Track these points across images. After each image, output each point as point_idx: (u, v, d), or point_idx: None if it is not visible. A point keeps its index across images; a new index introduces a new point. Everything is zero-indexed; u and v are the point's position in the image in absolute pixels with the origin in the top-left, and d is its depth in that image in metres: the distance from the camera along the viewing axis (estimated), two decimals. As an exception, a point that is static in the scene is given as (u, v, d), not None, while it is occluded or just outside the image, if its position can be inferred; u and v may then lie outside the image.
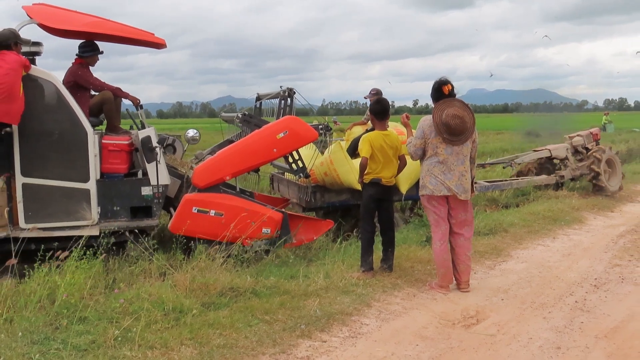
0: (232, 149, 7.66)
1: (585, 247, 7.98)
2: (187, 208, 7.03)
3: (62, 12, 7.09)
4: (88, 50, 7.45)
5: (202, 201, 7.06)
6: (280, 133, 7.35)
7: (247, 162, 7.41)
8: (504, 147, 24.98)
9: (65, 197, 6.78)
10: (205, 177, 7.25)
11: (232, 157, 7.42)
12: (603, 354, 4.49)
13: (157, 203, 7.16)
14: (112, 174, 7.08)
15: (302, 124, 7.65)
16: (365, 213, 6.57)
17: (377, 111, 6.55)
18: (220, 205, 7.05)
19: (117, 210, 7.02)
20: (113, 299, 5.17)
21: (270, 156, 7.56)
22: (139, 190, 7.10)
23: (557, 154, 12.84)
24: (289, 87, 9.53)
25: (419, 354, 4.52)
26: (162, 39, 7.57)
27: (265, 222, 7.07)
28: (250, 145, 7.43)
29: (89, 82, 7.34)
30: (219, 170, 7.28)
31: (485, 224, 8.90)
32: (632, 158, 20.06)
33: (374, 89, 10.48)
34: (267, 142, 7.37)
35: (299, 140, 7.50)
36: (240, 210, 7.04)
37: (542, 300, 5.75)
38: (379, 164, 6.37)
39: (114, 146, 7.10)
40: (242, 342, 4.56)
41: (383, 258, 6.57)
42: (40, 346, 4.31)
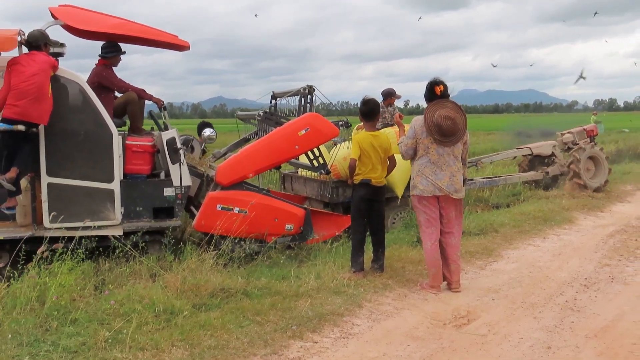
0: (255, 147, 7.73)
1: (576, 247, 8.01)
2: (211, 206, 7.10)
3: (88, 13, 7.13)
4: (111, 51, 7.47)
5: (226, 199, 7.13)
6: (302, 130, 7.44)
7: (269, 159, 7.51)
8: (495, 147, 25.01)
9: (90, 197, 6.81)
10: (229, 175, 7.34)
11: (255, 154, 7.49)
12: (593, 353, 4.51)
13: (179, 204, 7.20)
14: (135, 174, 7.12)
15: (323, 121, 7.72)
16: (356, 214, 6.57)
17: (364, 112, 6.54)
18: (244, 202, 7.10)
19: (139, 211, 7.06)
20: (103, 300, 5.15)
21: (292, 153, 7.66)
22: (162, 191, 7.14)
23: (540, 152, 12.95)
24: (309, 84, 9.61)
25: (410, 354, 4.53)
26: (186, 42, 7.60)
27: (288, 218, 7.22)
28: (273, 143, 7.52)
29: (113, 84, 7.37)
30: (243, 168, 7.37)
31: (476, 224, 8.93)
32: (621, 158, 20.13)
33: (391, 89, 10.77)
34: (289, 140, 7.46)
35: (320, 137, 7.60)
36: (264, 207, 7.14)
37: (533, 300, 5.77)
38: (369, 164, 6.36)
39: (138, 147, 7.14)
40: (234, 343, 4.56)
41: (374, 258, 6.57)
42: (30, 348, 4.30)
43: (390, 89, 10.97)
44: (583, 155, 12.43)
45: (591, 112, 43.92)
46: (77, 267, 5.68)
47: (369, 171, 6.37)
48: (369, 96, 6.72)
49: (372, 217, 6.58)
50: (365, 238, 6.61)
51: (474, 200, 11.79)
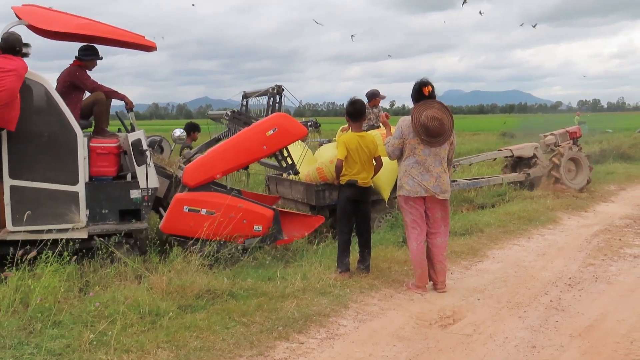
0: (222, 147, 7.62)
1: (560, 246, 8.06)
2: (178, 207, 7.01)
3: (53, 13, 6.99)
4: (89, 54, 7.38)
5: (193, 200, 7.04)
6: (269, 130, 7.34)
7: (237, 160, 7.40)
8: (480, 147, 25.16)
9: (54, 200, 6.70)
10: (196, 176, 7.24)
11: (223, 155, 7.40)
12: (577, 352, 4.54)
13: (146, 206, 7.11)
14: (100, 176, 7.00)
15: (291, 121, 7.66)
16: (342, 214, 6.56)
17: (351, 113, 6.53)
18: (211, 203, 7.03)
19: (105, 214, 6.95)
20: (88, 302, 5.11)
21: (260, 153, 7.54)
22: (128, 193, 7.04)
23: (521, 153, 13.06)
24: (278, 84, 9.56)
25: (396, 354, 4.54)
26: (152, 42, 7.50)
27: (257, 219, 7.11)
28: (240, 143, 7.42)
29: (85, 84, 7.27)
30: (210, 168, 7.27)
31: (462, 225, 8.96)
32: (605, 159, 20.29)
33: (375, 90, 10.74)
34: (257, 140, 7.36)
35: (288, 137, 7.50)
36: (231, 208, 7.03)
37: (518, 299, 5.80)
38: (355, 165, 6.36)
39: (103, 149, 7.03)
40: (219, 345, 4.54)
41: (360, 259, 6.57)
42: (14, 351, 4.26)
43: (375, 90, 10.94)
44: (563, 160, 12.55)
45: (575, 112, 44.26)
46: (61, 269, 5.64)
47: (356, 172, 6.37)
48: (356, 97, 6.71)
49: (358, 218, 6.57)
50: (351, 239, 6.60)
51: (459, 201, 11.84)
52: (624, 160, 20.15)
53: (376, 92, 10.91)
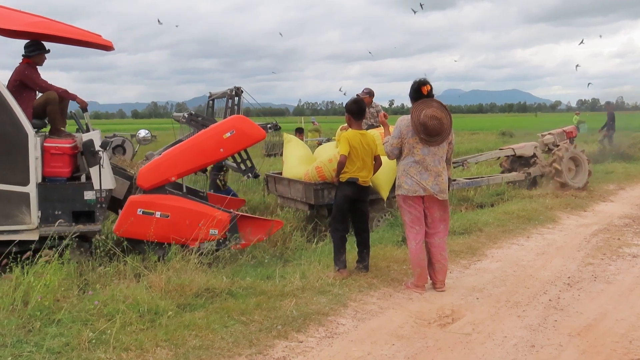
0: (178, 149, 7.50)
1: (559, 246, 8.06)
2: (131, 210, 6.90)
3: (7, 11, 6.88)
4: (35, 50, 7.25)
5: (147, 203, 6.94)
6: (227, 132, 7.24)
7: (193, 162, 7.29)
8: (479, 147, 25.19)
9: (4, 201, 6.58)
10: (150, 178, 7.12)
11: (178, 157, 7.27)
12: (576, 352, 4.54)
13: (100, 208, 6.98)
14: (54, 177, 6.88)
15: (249, 123, 7.55)
16: (338, 212, 6.53)
17: (354, 111, 6.52)
18: (166, 206, 6.93)
19: (58, 215, 6.82)
20: (87, 301, 5.11)
21: (217, 156, 7.42)
22: (82, 194, 6.93)
23: (522, 152, 13.12)
24: (237, 85, 9.45)
25: (395, 353, 4.54)
26: (109, 42, 7.41)
27: (213, 223, 6.96)
28: (196, 145, 7.31)
29: (35, 83, 7.16)
30: (165, 170, 7.15)
31: (460, 224, 8.97)
32: (604, 158, 20.30)
33: (367, 89, 10.62)
34: (213, 142, 7.25)
35: (246, 139, 7.40)
36: (186, 211, 6.95)
37: (517, 299, 5.80)
38: (356, 163, 6.36)
39: (57, 149, 6.90)
40: (218, 343, 4.54)
41: (358, 259, 6.57)
42: (13, 349, 4.25)
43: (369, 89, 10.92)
44: (566, 155, 12.59)
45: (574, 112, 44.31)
46: (61, 268, 5.64)
47: (357, 170, 6.36)
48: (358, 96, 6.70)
49: (356, 218, 6.57)
50: (347, 236, 6.56)
51: (458, 200, 11.85)
52: (623, 159, 20.15)
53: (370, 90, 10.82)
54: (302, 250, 7.67)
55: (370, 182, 6.61)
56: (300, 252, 7.53)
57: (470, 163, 13.18)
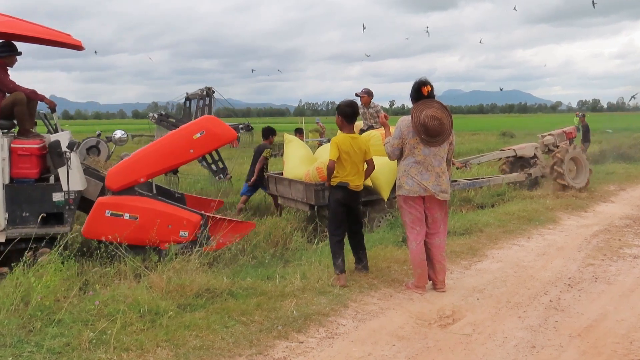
0: (147, 150, 7.42)
1: (559, 246, 8.06)
2: (99, 211, 6.81)
3: None
4: (5, 51, 7.23)
5: (116, 204, 6.85)
6: (197, 133, 7.15)
7: (162, 163, 7.19)
8: (480, 147, 25.20)
9: None
10: (118, 180, 7.02)
11: (147, 158, 7.19)
12: (577, 352, 4.54)
13: (69, 209, 6.92)
14: (22, 179, 6.84)
15: (219, 124, 7.46)
16: (333, 217, 6.40)
17: (348, 114, 6.34)
18: (135, 208, 6.85)
19: (26, 217, 6.76)
20: (88, 301, 5.12)
21: (186, 157, 7.31)
22: (50, 196, 6.87)
23: (523, 153, 13.14)
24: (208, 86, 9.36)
25: (395, 354, 4.54)
26: (78, 41, 7.33)
27: (183, 224, 6.89)
28: (166, 146, 7.23)
29: (2, 84, 7.13)
30: (133, 172, 7.06)
31: (461, 224, 8.96)
32: (604, 159, 20.32)
33: (366, 88, 10.57)
34: (183, 143, 7.16)
35: (216, 140, 7.34)
36: (156, 213, 6.86)
37: (517, 299, 5.80)
38: (347, 168, 6.22)
39: (24, 150, 6.86)
40: (219, 344, 4.54)
41: (356, 260, 6.53)
42: (14, 349, 4.26)
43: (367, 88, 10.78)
44: (567, 156, 12.61)
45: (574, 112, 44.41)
46: (62, 268, 5.64)
47: (347, 174, 6.23)
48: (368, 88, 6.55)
49: (350, 221, 6.43)
50: (344, 240, 6.42)
51: (459, 200, 11.85)
52: (624, 160, 20.16)
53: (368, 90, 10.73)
54: (303, 250, 7.66)
55: (362, 186, 6.46)
56: (300, 252, 7.53)
57: (472, 164, 13.20)
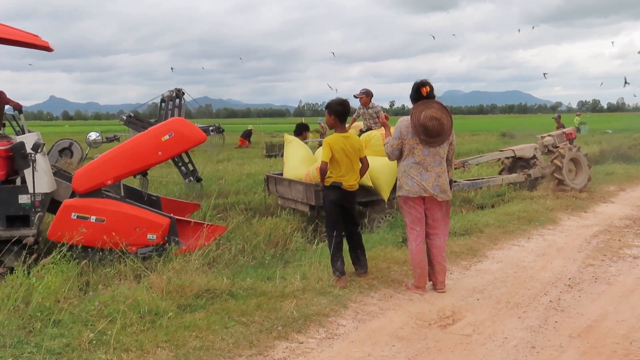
0: (114, 152, 7.30)
1: (560, 247, 8.06)
2: (65, 214, 6.70)
3: None
4: None
5: (82, 207, 6.75)
6: (165, 135, 7.04)
7: (130, 165, 7.08)
8: (480, 148, 25.19)
9: None
10: (84, 182, 6.91)
11: (114, 160, 7.08)
12: (577, 353, 4.54)
13: (36, 212, 6.84)
14: None
15: (189, 126, 7.37)
16: (329, 218, 6.36)
17: (340, 112, 6.28)
18: (101, 210, 6.73)
19: None
20: (88, 301, 5.12)
21: (155, 159, 7.21)
22: (16, 198, 6.80)
23: (522, 154, 13.15)
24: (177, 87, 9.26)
25: (395, 354, 4.54)
26: (46, 42, 7.26)
27: (151, 227, 6.79)
28: (134, 148, 7.14)
29: None
30: (100, 174, 6.96)
31: (461, 225, 8.96)
32: (604, 159, 20.32)
33: (364, 89, 10.53)
34: (151, 145, 7.06)
35: (185, 142, 7.24)
36: (123, 215, 6.77)
37: (517, 300, 5.80)
38: (340, 168, 6.17)
39: None
40: (219, 344, 4.54)
41: (354, 261, 6.47)
42: (14, 350, 4.26)
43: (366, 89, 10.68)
44: (568, 154, 12.63)
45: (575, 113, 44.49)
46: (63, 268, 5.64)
47: (341, 174, 6.18)
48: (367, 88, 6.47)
49: (347, 222, 6.39)
50: (342, 241, 6.38)
51: (459, 201, 11.85)
52: (624, 160, 20.16)
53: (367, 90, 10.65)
54: (303, 251, 7.66)
55: (357, 185, 6.39)
56: (300, 253, 7.52)
57: (471, 164, 13.21)
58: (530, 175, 12.95)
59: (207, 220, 8.45)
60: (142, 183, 7.86)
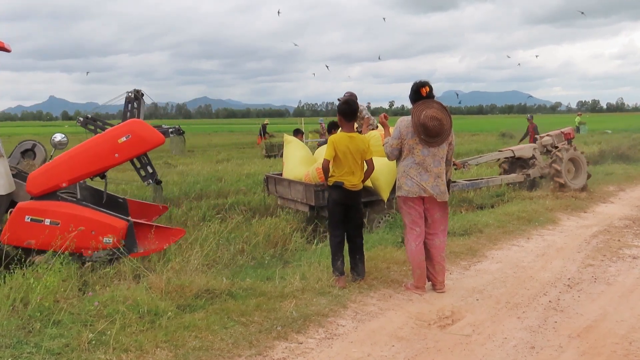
0: (69, 154, 7.11)
1: (559, 247, 8.06)
2: (19, 217, 6.55)
3: None
4: None
5: (36, 209, 6.57)
6: (122, 137, 6.88)
7: (85, 167, 6.91)
8: (479, 148, 25.21)
9: None
10: (39, 184, 6.77)
11: (69, 162, 6.91)
12: (576, 353, 4.54)
13: None
14: None
15: (146, 128, 7.22)
16: (331, 218, 6.34)
17: (345, 112, 6.27)
18: (56, 213, 6.58)
19: None
20: (87, 302, 5.11)
21: (111, 161, 7.01)
22: None
23: (521, 154, 13.17)
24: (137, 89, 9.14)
25: (394, 354, 4.54)
26: (2, 43, 7.13)
27: (107, 230, 6.62)
28: (89, 150, 6.96)
29: None
30: (55, 176, 6.79)
31: (461, 225, 8.96)
32: (604, 159, 20.32)
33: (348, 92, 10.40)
34: (107, 147, 6.90)
35: (143, 144, 7.06)
36: (78, 218, 6.60)
37: (517, 300, 5.80)
38: (343, 167, 6.14)
39: None
40: (218, 344, 4.54)
41: (352, 265, 6.37)
42: (13, 350, 4.26)
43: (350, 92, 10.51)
44: (566, 155, 12.65)
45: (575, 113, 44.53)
46: (61, 269, 5.64)
47: (344, 174, 6.15)
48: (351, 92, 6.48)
49: (349, 224, 6.32)
50: (344, 241, 6.35)
51: (458, 201, 11.86)
52: (623, 161, 20.17)
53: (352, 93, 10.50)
54: (302, 251, 7.66)
55: (360, 186, 6.34)
56: (300, 253, 7.52)
57: (470, 165, 13.22)
58: (530, 175, 12.98)
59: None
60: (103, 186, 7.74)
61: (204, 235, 7.60)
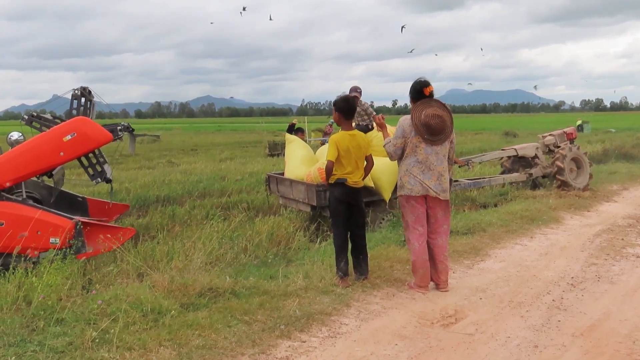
0: (13, 153, 7.09)
1: (562, 246, 8.05)
2: None
3: None
4: None
5: None
6: (67, 135, 6.83)
7: (29, 166, 6.86)
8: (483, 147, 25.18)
9: None
10: None
11: (12, 161, 6.87)
12: (580, 352, 4.53)
13: None
14: None
15: (92, 126, 7.15)
16: (334, 217, 6.30)
17: (344, 109, 6.21)
18: (0, 214, 6.55)
19: None
20: (90, 300, 5.12)
21: (56, 160, 6.99)
22: None
23: (524, 153, 13.17)
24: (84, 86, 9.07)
25: (398, 353, 4.54)
26: None
27: (53, 231, 6.55)
28: (33, 149, 6.91)
29: None
30: None
31: (464, 224, 8.95)
32: (607, 158, 20.30)
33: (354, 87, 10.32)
34: (52, 145, 6.85)
35: (89, 143, 7.02)
36: (23, 219, 6.53)
37: (520, 299, 5.79)
38: (346, 166, 6.11)
39: None
40: (221, 343, 4.55)
41: (355, 265, 6.33)
42: (17, 348, 4.27)
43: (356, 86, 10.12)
44: (569, 154, 12.64)
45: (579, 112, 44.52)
46: (64, 267, 5.65)
47: (346, 172, 6.13)
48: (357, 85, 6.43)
49: (352, 223, 6.29)
50: (347, 240, 6.31)
51: (461, 200, 11.85)
52: (627, 159, 20.14)
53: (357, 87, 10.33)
54: (305, 250, 7.66)
55: (362, 183, 6.32)
56: (303, 252, 7.52)
57: (474, 162, 13.22)
58: (532, 174, 12.98)
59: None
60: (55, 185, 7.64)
61: (207, 234, 7.61)
